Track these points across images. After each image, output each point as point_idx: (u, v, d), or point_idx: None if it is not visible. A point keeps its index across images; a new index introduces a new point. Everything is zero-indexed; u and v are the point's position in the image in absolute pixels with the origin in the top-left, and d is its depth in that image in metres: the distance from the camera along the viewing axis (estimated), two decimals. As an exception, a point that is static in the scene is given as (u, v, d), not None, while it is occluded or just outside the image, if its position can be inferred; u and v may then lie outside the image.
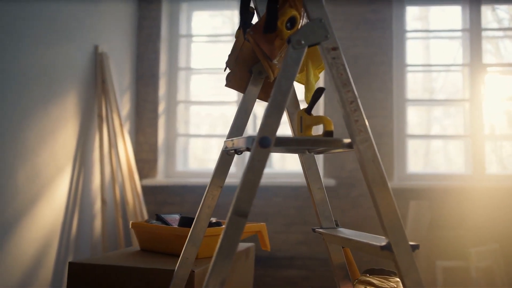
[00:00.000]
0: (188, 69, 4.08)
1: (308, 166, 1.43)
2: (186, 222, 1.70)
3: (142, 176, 3.76)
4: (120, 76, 3.60)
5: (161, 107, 3.88)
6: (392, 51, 3.73)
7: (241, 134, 1.40)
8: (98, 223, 3.26)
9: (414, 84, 4.08)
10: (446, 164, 4.16)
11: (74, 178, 2.99)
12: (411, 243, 1.11)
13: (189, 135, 4.07)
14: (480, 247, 3.32)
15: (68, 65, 2.96)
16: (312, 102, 1.27)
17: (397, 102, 3.75)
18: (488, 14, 4.00)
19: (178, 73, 3.99)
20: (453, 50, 4.09)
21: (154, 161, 3.81)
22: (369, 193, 1.13)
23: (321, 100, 3.77)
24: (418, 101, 4.00)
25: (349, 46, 3.73)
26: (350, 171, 3.62)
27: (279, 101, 1.09)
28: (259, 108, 3.80)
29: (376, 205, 1.12)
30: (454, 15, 4.03)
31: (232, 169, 3.80)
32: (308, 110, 1.29)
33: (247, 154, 3.83)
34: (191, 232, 1.36)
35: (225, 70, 1.42)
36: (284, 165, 4.14)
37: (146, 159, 3.81)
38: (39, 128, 2.65)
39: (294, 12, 1.25)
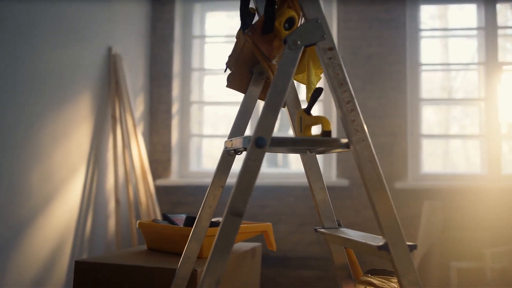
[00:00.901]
0: (202, 69, 4.11)
1: (310, 166, 1.44)
2: (191, 221, 1.72)
3: (156, 176, 3.80)
4: (134, 77, 3.64)
5: (175, 108, 3.91)
6: (406, 50, 3.70)
7: (242, 134, 1.41)
8: (112, 223, 3.30)
9: (431, 83, 4.04)
10: (464, 164, 4.11)
11: (88, 178, 3.03)
12: (408, 243, 1.11)
13: (202, 136, 4.10)
14: (495, 248, 3.28)
15: (82, 67, 3.00)
16: (311, 102, 1.28)
17: (411, 101, 3.72)
18: (508, 12, 3.95)
19: (191, 74, 4.02)
20: (472, 49, 4.03)
21: (168, 161, 3.84)
22: (366, 193, 1.13)
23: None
24: (433, 100, 3.96)
25: (362, 46, 3.72)
26: (363, 171, 3.60)
27: (275, 101, 1.10)
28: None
29: (373, 205, 1.12)
30: (472, 13, 3.98)
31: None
32: (307, 110, 1.29)
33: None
34: (193, 232, 1.38)
35: (225, 71, 1.43)
36: (300, 166, 4.14)
37: (160, 159, 3.85)
38: (53, 128, 2.69)
39: (292, 13, 1.25)
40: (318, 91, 1.26)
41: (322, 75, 1.40)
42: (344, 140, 1.16)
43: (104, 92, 3.24)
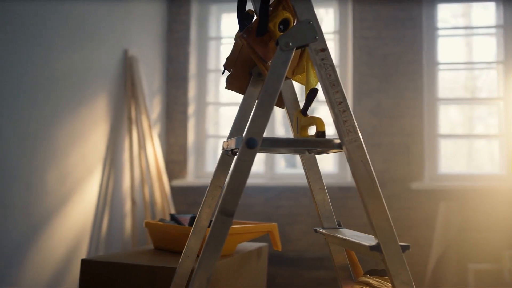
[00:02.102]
0: (218, 71, 4.14)
1: (309, 167, 1.44)
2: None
3: (172, 176, 3.84)
4: (150, 79, 3.69)
5: (191, 109, 3.95)
6: (423, 49, 3.67)
7: (241, 135, 1.42)
8: (128, 223, 3.35)
9: (454, 82, 3.98)
10: (488, 164, 4.04)
11: (104, 179, 3.09)
12: (401, 243, 1.11)
13: (218, 136, 4.13)
14: (513, 250, 3.23)
15: (98, 69, 3.06)
16: (307, 103, 1.28)
17: (428, 101, 3.68)
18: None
19: (207, 75, 4.05)
20: (493, 48, 3.95)
21: (184, 162, 3.88)
22: (358, 194, 1.13)
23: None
24: (450, 100, 3.90)
25: (378, 45, 3.69)
26: (379, 171, 3.57)
27: (267, 102, 1.11)
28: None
29: (365, 205, 1.12)
30: (494, 12, 3.90)
31: (260, 168, 3.84)
32: (303, 111, 1.30)
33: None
34: (192, 231, 1.39)
35: (223, 73, 1.44)
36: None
37: (176, 160, 3.89)
38: (69, 130, 2.75)
39: (286, 15, 1.26)
40: (313, 91, 1.26)
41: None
42: (337, 141, 1.16)
43: (120, 94, 3.30)
